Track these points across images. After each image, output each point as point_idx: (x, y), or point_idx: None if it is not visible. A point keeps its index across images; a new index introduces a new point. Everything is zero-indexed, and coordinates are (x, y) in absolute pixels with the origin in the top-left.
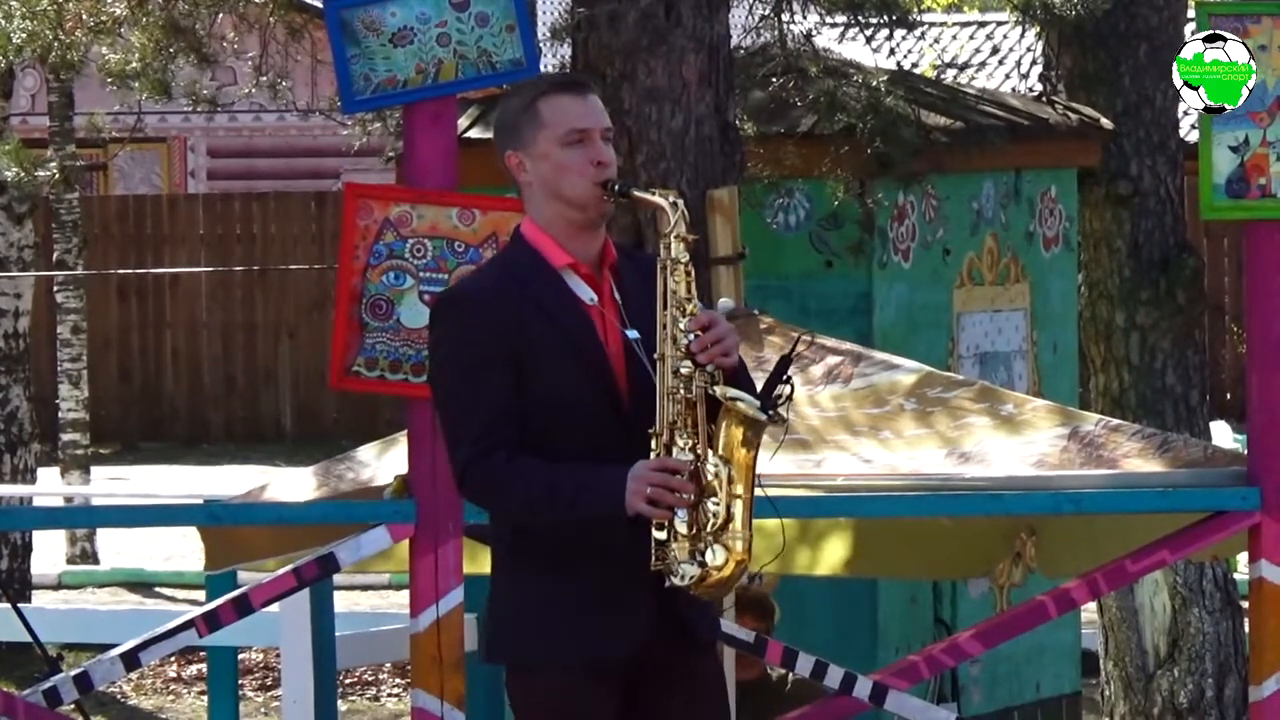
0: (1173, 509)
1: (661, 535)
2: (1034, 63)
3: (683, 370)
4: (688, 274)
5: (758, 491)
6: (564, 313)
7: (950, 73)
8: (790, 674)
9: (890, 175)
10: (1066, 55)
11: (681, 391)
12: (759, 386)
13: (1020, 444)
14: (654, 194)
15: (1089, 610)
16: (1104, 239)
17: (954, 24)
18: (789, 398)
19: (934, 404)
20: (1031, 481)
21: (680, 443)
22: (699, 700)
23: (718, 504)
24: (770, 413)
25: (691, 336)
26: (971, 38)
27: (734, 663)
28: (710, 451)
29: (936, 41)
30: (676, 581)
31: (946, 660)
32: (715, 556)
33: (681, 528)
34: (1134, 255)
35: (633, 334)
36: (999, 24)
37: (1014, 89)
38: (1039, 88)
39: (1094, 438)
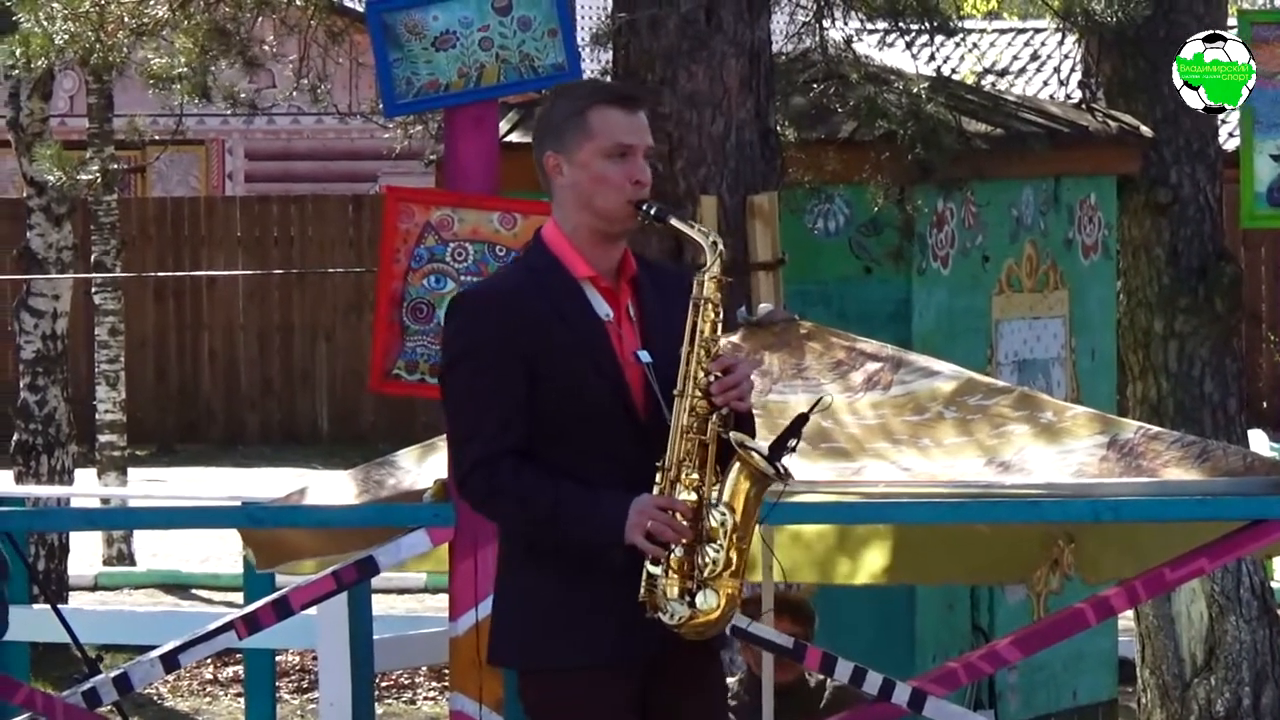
0: (1211, 517)
1: (655, 570)
2: (1073, 70)
3: (699, 409)
4: (716, 314)
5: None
6: (580, 322)
7: (989, 79)
8: (828, 679)
9: (931, 182)
10: (1106, 62)
11: (695, 431)
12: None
13: (1059, 453)
14: (694, 227)
15: (1126, 618)
16: (1143, 246)
17: (994, 30)
18: (793, 450)
19: (974, 412)
20: (1070, 489)
21: (686, 480)
22: (708, 702)
23: (718, 551)
24: (778, 468)
25: (712, 377)
26: (1010, 44)
27: (772, 666)
28: (717, 497)
29: (975, 47)
30: (663, 618)
31: (985, 667)
32: (707, 600)
33: (677, 566)
34: (1173, 263)
35: (644, 356)
36: (1038, 31)
37: (1052, 96)
38: (1079, 95)
39: (1133, 446)
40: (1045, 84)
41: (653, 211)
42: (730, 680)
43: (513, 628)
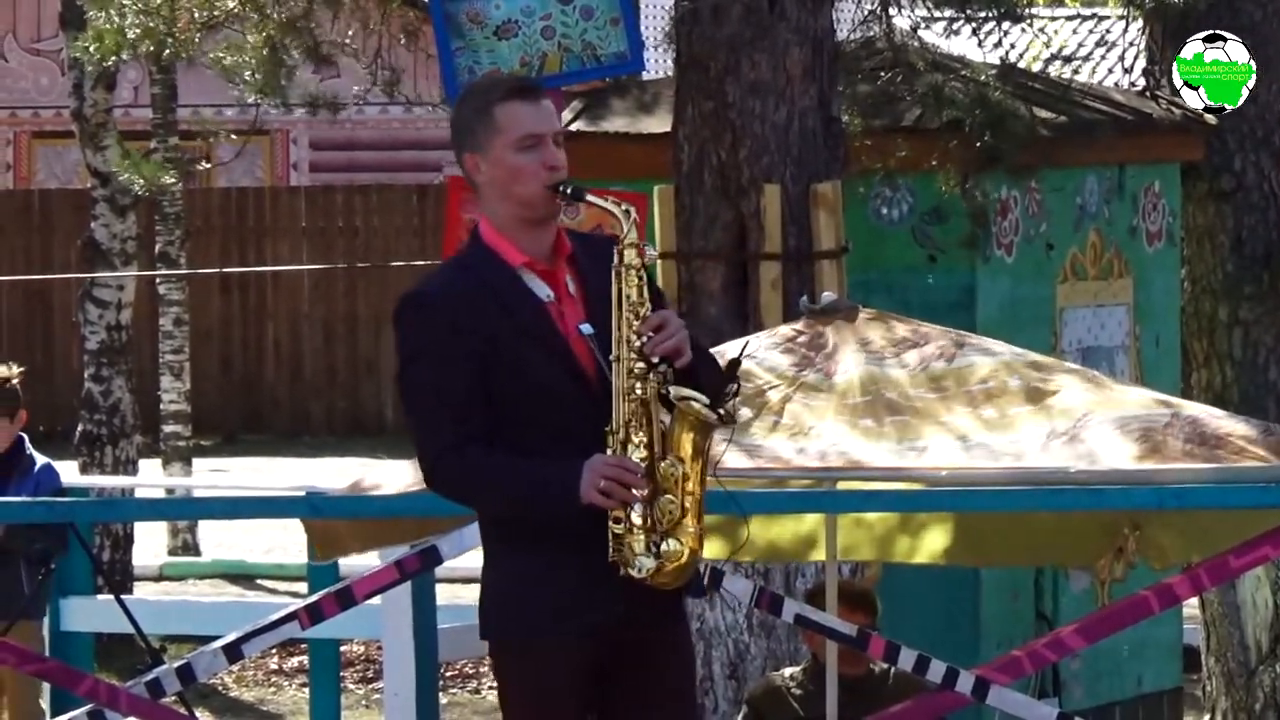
0: (1276, 504)
1: (619, 529)
2: (1137, 57)
3: (637, 370)
4: (639, 278)
5: (714, 484)
6: (522, 308)
7: (1054, 66)
8: (893, 668)
9: (1000, 169)
10: (1170, 50)
11: (636, 391)
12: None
13: (1121, 417)
14: (606, 200)
15: (1191, 606)
16: (1207, 234)
17: (1058, 18)
18: (735, 394)
19: (1036, 381)
20: (1135, 476)
21: (635, 440)
22: (664, 669)
23: (673, 501)
24: (720, 413)
25: (645, 338)
26: (1074, 32)
27: (838, 657)
28: (666, 450)
29: (1042, 31)
30: (633, 574)
31: (1049, 655)
32: (669, 547)
33: (638, 521)
34: (1237, 250)
35: (586, 329)
36: (1101, 18)
37: (1116, 84)
38: (1142, 82)
39: (1196, 417)
40: (1109, 72)
41: (569, 191)
42: (794, 669)
43: (483, 603)
